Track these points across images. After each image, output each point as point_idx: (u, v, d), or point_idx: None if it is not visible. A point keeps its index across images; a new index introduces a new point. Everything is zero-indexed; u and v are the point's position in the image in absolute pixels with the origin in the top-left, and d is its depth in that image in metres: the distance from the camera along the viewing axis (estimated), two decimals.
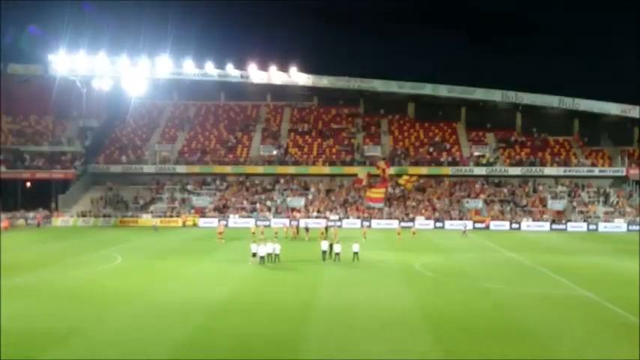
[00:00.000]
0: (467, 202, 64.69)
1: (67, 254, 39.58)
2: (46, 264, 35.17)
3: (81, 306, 24.76)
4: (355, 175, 64.94)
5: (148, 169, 69.95)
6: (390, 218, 61.60)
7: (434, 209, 63.35)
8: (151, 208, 64.66)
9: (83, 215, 63.21)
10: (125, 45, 73.33)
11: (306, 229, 49.77)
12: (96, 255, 39.66)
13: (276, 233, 48.45)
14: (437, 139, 73.55)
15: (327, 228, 49.84)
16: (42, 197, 67.00)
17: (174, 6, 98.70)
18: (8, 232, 55.78)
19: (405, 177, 65.45)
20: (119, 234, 52.52)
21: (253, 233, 46.92)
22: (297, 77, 73.17)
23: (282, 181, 69.07)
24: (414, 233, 51.19)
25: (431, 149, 71.67)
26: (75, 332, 20.79)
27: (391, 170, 65.61)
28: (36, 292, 27.37)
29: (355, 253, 36.40)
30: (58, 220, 62.33)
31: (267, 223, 57.47)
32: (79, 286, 28.96)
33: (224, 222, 58.18)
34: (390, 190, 66.37)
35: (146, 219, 61.72)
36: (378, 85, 73.35)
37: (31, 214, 62.16)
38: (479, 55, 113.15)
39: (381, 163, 64.59)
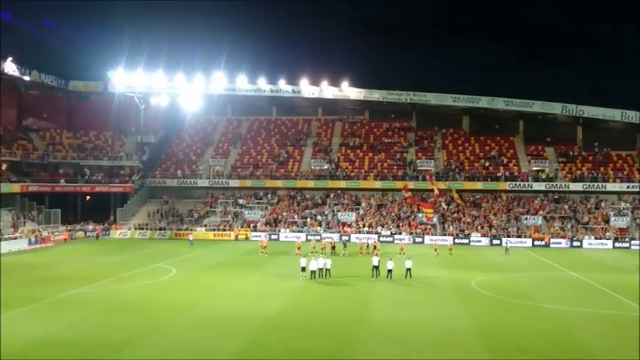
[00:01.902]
0: (525, 218, 62.64)
1: (123, 266, 40.48)
2: (103, 276, 36.01)
3: (135, 318, 25.12)
4: (405, 186, 63.23)
5: (202, 183, 71.19)
6: (445, 234, 60.34)
7: (490, 226, 61.66)
8: (205, 221, 65.61)
9: (140, 228, 64.77)
10: (181, 62, 75.47)
11: (344, 245, 49.51)
12: (151, 267, 40.40)
13: (314, 248, 48.24)
14: (493, 153, 71.79)
15: (369, 245, 49.22)
16: (101, 210, 69.15)
17: (228, 24, 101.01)
18: (67, 243, 57.72)
19: (456, 194, 63.56)
20: (174, 246, 53.42)
21: (299, 248, 47.19)
22: (349, 91, 73.11)
23: (332, 195, 68.88)
24: (450, 250, 49.93)
25: (487, 164, 70.00)
26: (129, 344, 21.07)
27: (442, 185, 64.38)
28: (92, 304, 27.99)
29: (408, 270, 35.67)
30: (117, 233, 64.08)
31: (317, 237, 57.34)
32: (134, 298, 29.46)
33: (267, 236, 58.74)
34: (444, 206, 65.08)
35: (200, 232, 62.72)
36: (432, 98, 72.30)
37: (90, 227, 64.19)
38: (537, 68, 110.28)
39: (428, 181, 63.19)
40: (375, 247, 47.55)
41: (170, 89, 71.66)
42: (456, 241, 58.60)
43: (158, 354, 20.04)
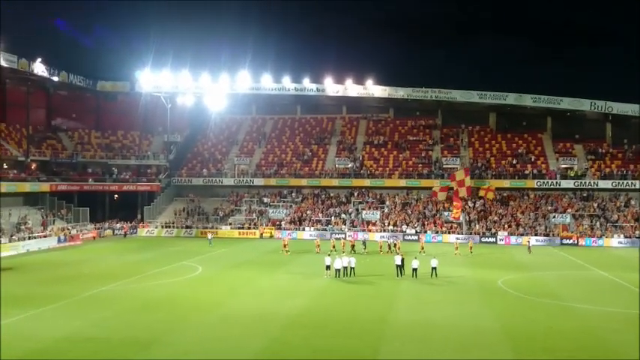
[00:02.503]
0: (554, 216, 61.58)
1: (150, 264, 41.00)
2: (131, 274, 36.52)
3: (161, 315, 25.42)
4: (431, 188, 63.06)
5: (227, 181, 71.68)
6: (471, 233, 59.74)
7: (518, 224, 60.82)
8: (230, 219, 66.07)
9: (167, 226, 65.52)
10: (207, 62, 76.11)
11: (364, 243, 49.43)
12: (178, 265, 40.84)
13: (333, 246, 48.19)
14: (521, 150, 70.75)
15: (390, 244, 49.08)
16: (128, 208, 70.18)
17: (253, 23, 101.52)
18: (96, 241, 58.70)
19: (484, 189, 63.19)
20: (200, 245, 53.88)
21: (318, 246, 48.19)
22: (373, 89, 72.75)
23: (357, 194, 68.71)
24: (470, 248, 49.39)
25: (514, 161, 69.03)
26: (155, 342, 21.32)
27: (470, 182, 63.72)
28: (119, 301, 28.40)
29: (433, 269, 35.38)
30: (144, 231, 64.94)
31: (336, 236, 57.24)
32: (161, 296, 29.82)
33: (288, 234, 59.08)
34: (469, 204, 64.41)
35: (225, 230, 63.20)
36: (458, 96, 71.52)
37: (118, 225, 65.18)
38: (565, 64, 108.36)
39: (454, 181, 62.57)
40: (394, 246, 47.57)
41: (196, 89, 72.23)
42: (482, 239, 57.96)
43: (183, 351, 20.25)
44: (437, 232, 59.93)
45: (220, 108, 76.24)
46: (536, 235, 58.41)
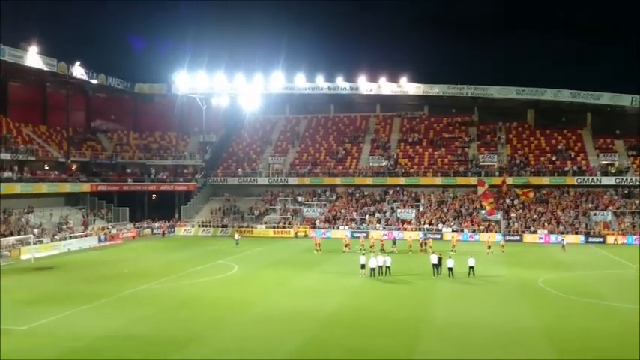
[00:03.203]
0: (594, 214, 60.05)
1: (188, 263, 41.56)
2: (169, 272, 37.09)
3: (199, 314, 25.73)
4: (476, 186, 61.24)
5: (261, 181, 72.18)
6: (509, 231, 58.68)
7: (557, 222, 59.49)
8: (265, 218, 66.48)
9: (204, 225, 66.35)
10: (241, 63, 76.72)
11: (393, 242, 49.31)
12: (214, 264, 41.29)
13: (362, 245, 48.02)
14: (560, 147, 69.18)
15: (422, 242, 48.81)
16: (166, 208, 71.27)
17: (286, 23, 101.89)
18: (135, 240, 59.82)
19: (521, 191, 61.58)
20: (235, 243, 54.31)
21: (346, 245, 48.63)
22: (407, 86, 72.07)
23: (391, 192, 68.28)
24: (502, 247, 48.46)
25: (553, 158, 67.52)
26: (195, 339, 21.59)
27: (510, 180, 62.53)
28: (158, 300, 28.86)
29: (471, 268, 34.87)
30: (181, 230, 65.90)
31: (364, 234, 56.93)
32: (199, 294, 30.19)
33: (321, 233, 59.25)
34: (508, 201, 63.30)
35: (260, 229, 63.64)
36: (494, 92, 70.24)
37: (156, 224, 66.32)
38: (605, 58, 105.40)
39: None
40: (425, 244, 47.28)
41: (230, 89, 72.86)
42: (515, 238, 56.99)
43: (221, 349, 20.43)
44: (474, 231, 59.10)
45: (254, 108, 76.78)
46: (576, 233, 57.06)
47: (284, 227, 64.05)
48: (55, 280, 34.97)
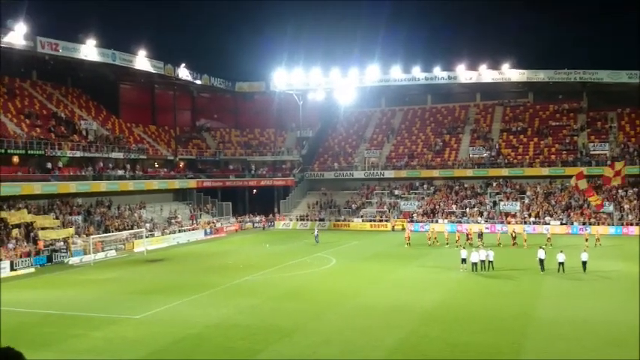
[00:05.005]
0: None
1: (288, 255, 42.56)
2: (271, 264, 38.17)
3: (302, 304, 26.26)
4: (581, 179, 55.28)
5: (357, 174, 72.27)
6: (622, 224, 54.88)
7: None
8: (361, 212, 66.58)
9: (301, 219, 67.64)
10: (336, 57, 77.19)
11: (480, 235, 47.01)
12: (313, 257, 41.97)
13: (447, 239, 46.59)
14: None
15: (514, 235, 46.15)
16: (266, 202, 73.44)
17: (381, 14, 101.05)
18: (238, 234, 62.12)
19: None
20: (333, 237, 54.89)
21: (429, 239, 47.80)
22: (510, 73, 69.08)
23: (494, 184, 65.92)
24: (598, 239, 45.17)
25: None
26: (299, 329, 22.08)
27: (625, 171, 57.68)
28: (262, 290, 29.79)
29: (584, 263, 32.92)
30: (280, 224, 67.61)
31: (448, 228, 54.48)
32: (300, 285, 30.85)
33: (421, 227, 58.48)
34: (620, 192, 59.15)
35: (357, 223, 63.83)
36: (605, 76, 65.75)
37: (257, 218, 68.49)
38: None
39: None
40: (514, 238, 45.10)
41: (326, 84, 73.53)
42: (623, 230, 53.22)
43: (324, 340, 20.72)
44: (584, 224, 55.76)
45: (349, 102, 77.02)
46: None
47: (381, 221, 63.82)
48: (166, 272, 37.05)
